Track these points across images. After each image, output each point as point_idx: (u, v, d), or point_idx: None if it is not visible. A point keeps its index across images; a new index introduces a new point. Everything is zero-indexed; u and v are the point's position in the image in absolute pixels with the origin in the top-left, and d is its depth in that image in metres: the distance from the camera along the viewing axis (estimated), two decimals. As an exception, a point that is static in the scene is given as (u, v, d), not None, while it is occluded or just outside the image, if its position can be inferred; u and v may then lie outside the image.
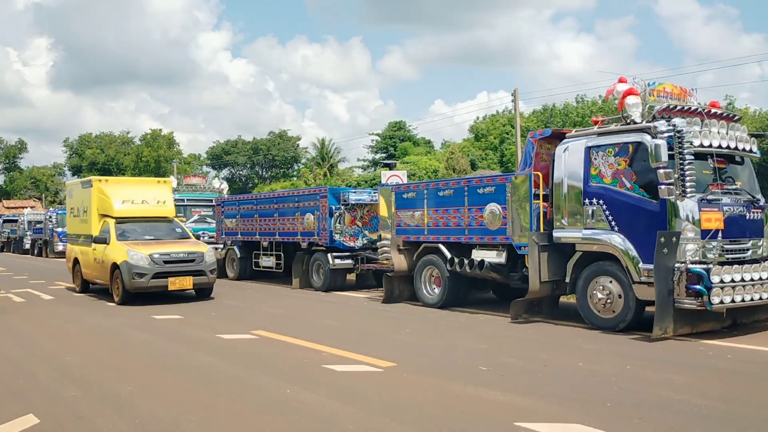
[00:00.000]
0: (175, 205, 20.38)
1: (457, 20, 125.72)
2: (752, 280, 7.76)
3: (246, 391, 5.66)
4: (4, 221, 43.68)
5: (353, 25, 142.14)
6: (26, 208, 45.64)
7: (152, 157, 78.04)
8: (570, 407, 4.96)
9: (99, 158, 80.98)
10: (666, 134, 7.69)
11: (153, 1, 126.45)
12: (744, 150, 8.47)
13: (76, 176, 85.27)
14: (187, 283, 11.86)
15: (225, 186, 23.18)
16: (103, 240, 12.36)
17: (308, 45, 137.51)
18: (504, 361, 6.70)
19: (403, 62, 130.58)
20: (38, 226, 36.21)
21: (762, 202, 8.65)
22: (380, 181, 17.93)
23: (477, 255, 10.26)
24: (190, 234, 13.73)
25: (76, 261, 14.18)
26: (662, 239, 7.52)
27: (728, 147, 8.23)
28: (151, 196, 13.47)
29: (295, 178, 71.66)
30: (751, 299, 7.79)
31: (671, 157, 7.64)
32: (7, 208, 58.29)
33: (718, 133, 8.19)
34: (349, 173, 65.81)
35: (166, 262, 11.77)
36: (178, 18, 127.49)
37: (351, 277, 14.57)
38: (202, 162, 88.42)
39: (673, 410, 4.88)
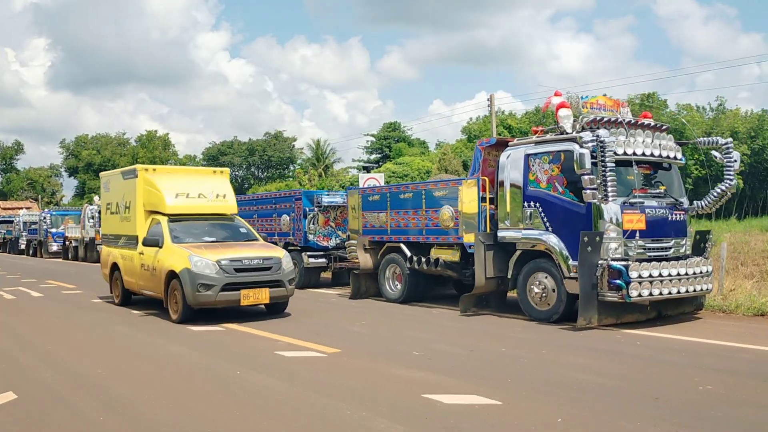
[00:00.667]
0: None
1: (456, 20, 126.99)
2: (670, 275, 8.59)
3: (204, 373, 6.47)
4: (0, 222, 44.48)
5: (352, 26, 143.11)
6: (22, 209, 46.31)
7: (148, 159, 78.83)
8: (475, 383, 5.78)
9: (95, 159, 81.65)
10: (590, 144, 8.51)
11: (151, 1, 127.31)
12: (668, 157, 9.28)
13: (72, 177, 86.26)
14: (262, 296, 9.52)
15: (212, 188, 23.85)
16: (154, 242, 10.21)
17: (307, 45, 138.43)
18: (437, 348, 7.52)
19: (402, 62, 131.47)
20: (33, 227, 36.97)
21: (686, 204, 9.48)
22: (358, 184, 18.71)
23: (434, 254, 11.09)
24: (257, 235, 11.39)
25: (115, 267, 11.95)
26: (586, 238, 8.35)
27: (652, 155, 9.04)
28: (208, 188, 11.22)
29: (290, 179, 72.40)
30: (669, 293, 8.61)
31: (594, 164, 8.46)
32: (3, 209, 58.96)
33: (642, 142, 9.01)
34: (344, 174, 66.58)
35: (237, 270, 9.46)
36: (177, 18, 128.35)
37: (328, 275, 15.41)
38: (197, 163, 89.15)
39: (566, 386, 5.70)
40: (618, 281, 8.29)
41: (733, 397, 5.27)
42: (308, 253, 14.29)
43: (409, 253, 11.42)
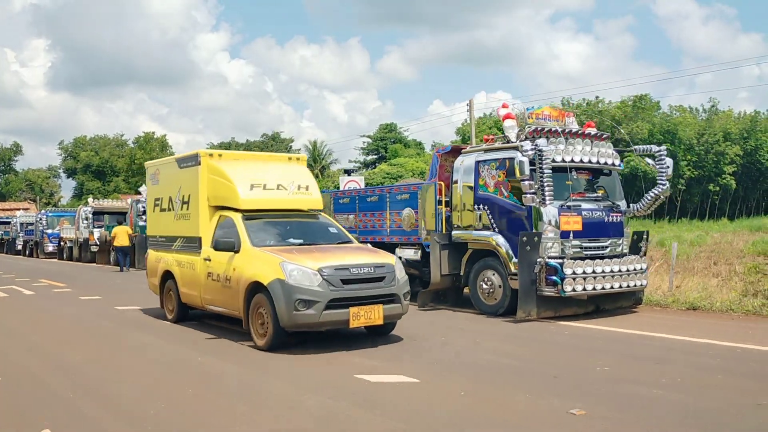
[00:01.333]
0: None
1: (456, 21, 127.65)
2: (604, 272, 9.39)
3: (184, 366, 7.26)
4: (-2, 223, 45.31)
5: (352, 26, 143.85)
6: (19, 210, 47.11)
7: (145, 160, 79.51)
8: (404, 366, 6.57)
9: (93, 160, 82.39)
10: (530, 152, 9.30)
11: (151, 2, 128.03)
12: (606, 164, 10.07)
13: (70, 178, 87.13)
14: (375, 315, 7.48)
15: (200, 190, 24.66)
16: (228, 246, 8.20)
17: (306, 46, 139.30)
18: (385, 338, 8.31)
19: (401, 63, 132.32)
20: (30, 227, 37.80)
21: (623, 207, 10.28)
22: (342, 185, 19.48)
23: (399, 253, 11.88)
24: (350, 236, 9.52)
25: (167, 276, 9.98)
26: (525, 239, 9.16)
27: (589, 161, 9.85)
28: (287, 178, 9.28)
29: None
30: (603, 288, 9.41)
31: (534, 171, 9.26)
32: (2, 210, 59.76)
33: (581, 150, 9.81)
34: (341, 175, 67.34)
35: (345, 281, 7.42)
36: (177, 19, 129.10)
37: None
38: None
39: (481, 367, 6.49)
40: (554, 277, 9.09)
41: (622, 376, 6.06)
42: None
43: (375, 253, 12.20)
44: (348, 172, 21.96)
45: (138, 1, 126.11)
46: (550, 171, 9.27)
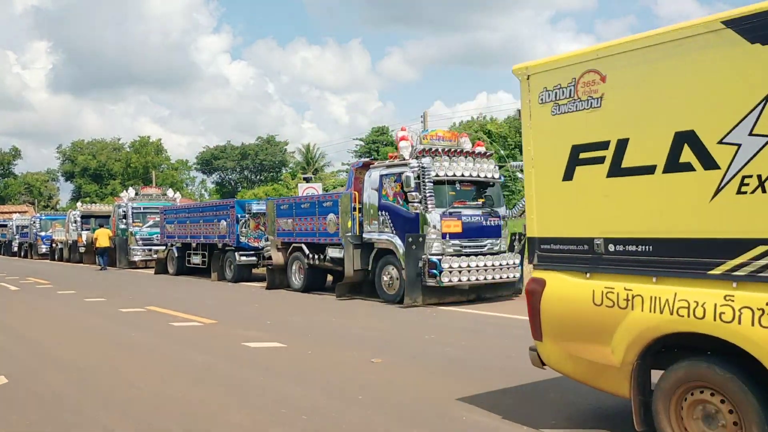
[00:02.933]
0: (133, 212, 24.23)
1: (457, 21, 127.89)
2: (478, 266, 11.43)
3: (113, 338, 9.31)
4: (-4, 226, 47.46)
5: (353, 27, 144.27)
6: (15, 213, 49.22)
7: (140, 164, 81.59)
8: (283, 337, 8.58)
9: (91, 164, 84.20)
10: (416, 168, 11.35)
11: (153, 4, 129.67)
12: (486, 177, 12.12)
13: (68, 182, 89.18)
14: None
15: (178, 195, 26.84)
16: None
17: (308, 47, 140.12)
18: (288, 319, 10.38)
19: (402, 64, 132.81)
20: (24, 230, 39.94)
21: (502, 213, 12.32)
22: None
23: (328, 252, 13.94)
24: None
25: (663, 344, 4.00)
26: (410, 239, 11.22)
27: (470, 176, 11.90)
28: None
29: (281, 183, 75.10)
30: (477, 279, 11.45)
31: (419, 184, 11.30)
32: (0, 213, 61.85)
33: (464, 166, 11.86)
34: (334, 177, 69.37)
35: None
36: (178, 21, 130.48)
37: (262, 270, 18.23)
38: (188, 167, 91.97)
39: (341, 336, 8.52)
40: (434, 271, 11.14)
41: (438, 341, 8.09)
42: (240, 252, 17.16)
43: (308, 252, 14.28)
44: (307, 179, 23.93)
45: (139, 4, 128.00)
46: (432, 184, 11.32)
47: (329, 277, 14.86)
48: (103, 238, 23.33)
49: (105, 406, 5.43)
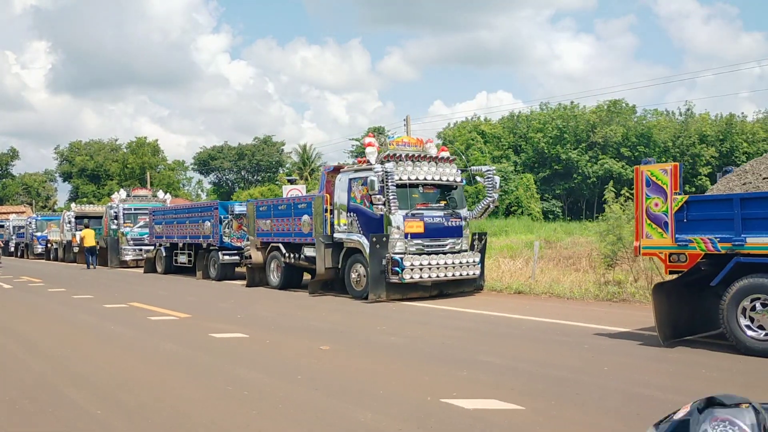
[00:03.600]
0: (124, 213, 24.99)
1: (457, 21, 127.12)
2: (438, 264, 12.21)
3: (93, 330, 10.09)
4: (-6, 226, 48.22)
5: (352, 27, 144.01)
6: (12, 214, 49.98)
7: (137, 164, 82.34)
8: (247, 328, 9.36)
9: (89, 165, 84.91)
10: (380, 172, 12.13)
11: (152, 4, 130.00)
12: (448, 180, 12.90)
13: (66, 182, 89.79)
14: None
15: (168, 197, 27.60)
16: None
17: (307, 47, 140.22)
18: (258, 314, 11.16)
19: (402, 63, 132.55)
20: (21, 230, 40.74)
21: (463, 214, 13.09)
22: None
23: (303, 251, 14.73)
24: None
25: None
26: (374, 239, 12.00)
27: (432, 179, 12.68)
28: None
29: (277, 183, 75.80)
30: (438, 276, 12.24)
31: (382, 187, 12.08)
32: (-1, 213, 62.57)
33: (425, 170, 12.63)
34: (284, 184, 69.89)
35: None
36: (178, 20, 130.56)
37: (245, 269, 19.00)
38: (185, 168, 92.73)
39: (299, 328, 9.30)
40: (397, 268, 11.93)
41: (388, 331, 8.87)
42: (224, 252, 17.95)
43: (284, 251, 15.07)
44: (291, 181, 24.71)
45: (139, 3, 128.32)
46: (395, 187, 12.11)
47: (306, 275, 15.63)
48: (89, 238, 24.18)
49: (79, 388, 6.18)
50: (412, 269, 11.94)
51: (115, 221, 24.91)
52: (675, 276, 7.88)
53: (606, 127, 68.73)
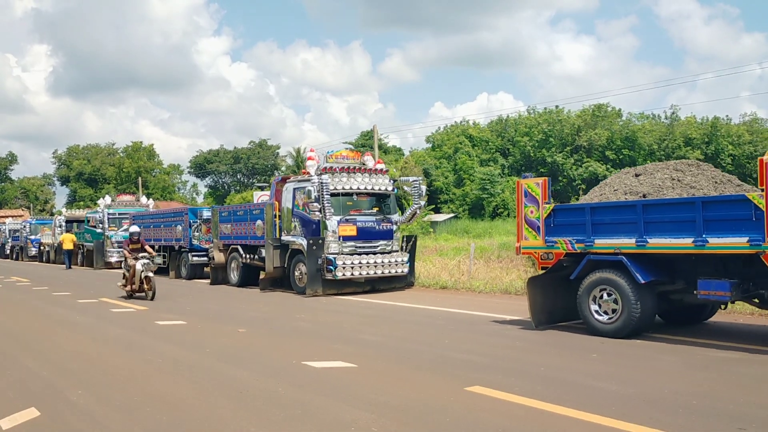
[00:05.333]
0: (109, 218, 26.75)
1: (458, 22, 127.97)
2: (369, 263, 13.94)
3: (60, 319, 11.81)
4: (-9, 229, 49.98)
5: (353, 29, 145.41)
6: (8, 218, 51.70)
7: (133, 168, 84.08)
8: (189, 317, 11.07)
9: (86, 168, 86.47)
10: (316, 183, 13.87)
11: (153, 6, 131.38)
12: (381, 190, 14.65)
13: (64, 186, 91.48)
14: None
15: (151, 202, 29.35)
16: None
17: (308, 49, 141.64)
18: (205, 306, 12.89)
19: (403, 65, 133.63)
20: (16, 234, 42.48)
21: (395, 219, 14.82)
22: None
23: (259, 252, 16.46)
24: None
25: None
26: (311, 241, 13.75)
27: (365, 189, 14.42)
28: None
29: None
30: (368, 274, 13.98)
31: (318, 196, 13.81)
32: (-4, 217, 64.32)
33: (359, 181, 14.37)
34: (254, 190, 71.22)
35: None
36: (179, 23, 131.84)
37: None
38: (180, 172, 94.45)
39: (233, 317, 11.01)
40: (330, 267, 13.66)
41: (305, 319, 10.58)
42: (193, 253, 19.70)
43: (242, 252, 16.82)
44: (261, 187, 26.48)
45: (140, 6, 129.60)
46: (329, 196, 13.84)
47: (263, 274, 17.36)
48: (68, 242, 26.13)
49: (34, 358, 7.87)
50: (344, 267, 13.68)
51: (101, 225, 26.64)
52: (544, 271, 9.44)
53: (591, 131, 70.27)
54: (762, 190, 7.18)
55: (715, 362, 6.90)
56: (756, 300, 8.17)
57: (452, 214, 59.73)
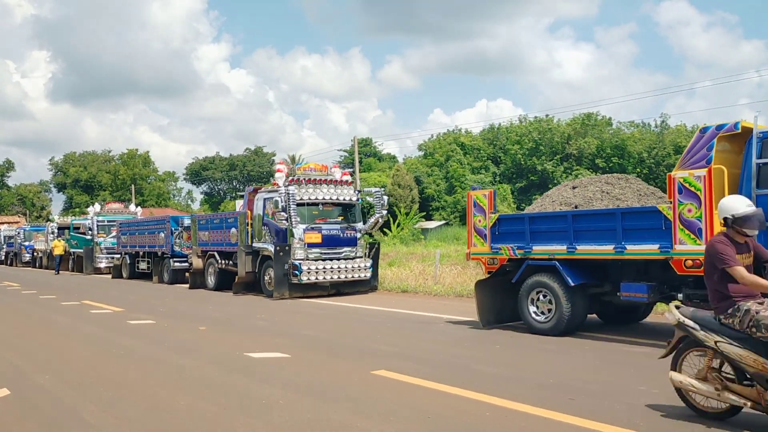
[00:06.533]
0: (98, 225, 27.76)
1: (457, 29, 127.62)
2: (333, 268, 14.96)
3: (41, 319, 12.80)
4: (-13, 236, 50.93)
5: (353, 36, 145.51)
6: (3, 224, 52.67)
7: (128, 175, 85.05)
8: (158, 318, 12.06)
9: (82, 175, 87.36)
10: (283, 194, 14.90)
11: (153, 13, 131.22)
12: (345, 200, 15.69)
13: (60, 193, 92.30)
14: None
15: (139, 210, 30.39)
16: None
17: (308, 56, 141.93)
18: (177, 308, 13.88)
19: (402, 72, 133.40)
20: (11, 240, 43.47)
21: (359, 227, 15.85)
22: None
23: (233, 258, 17.47)
24: None
25: None
26: (278, 248, 14.77)
27: (330, 199, 15.46)
28: None
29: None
30: (332, 278, 14.99)
31: (285, 206, 14.83)
32: (-7, 224, 65.20)
33: (325, 191, 15.42)
34: (237, 199, 72.11)
35: None
36: (179, 30, 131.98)
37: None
38: (175, 179, 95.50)
39: (197, 316, 12.01)
40: (296, 272, 14.68)
41: (266, 319, 11.57)
42: (175, 259, 20.71)
43: (219, 258, 17.83)
44: (242, 196, 27.46)
45: (139, 13, 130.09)
46: (296, 206, 14.87)
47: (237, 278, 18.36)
48: (59, 248, 27.22)
49: (12, 351, 8.86)
50: (309, 272, 14.69)
51: (90, 232, 27.65)
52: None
53: (580, 139, 71.38)
54: (671, 203, 8.09)
55: (613, 354, 7.89)
56: (675, 302, 8.84)
57: (443, 221, 60.74)
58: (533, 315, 9.41)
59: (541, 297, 9.32)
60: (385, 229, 47.10)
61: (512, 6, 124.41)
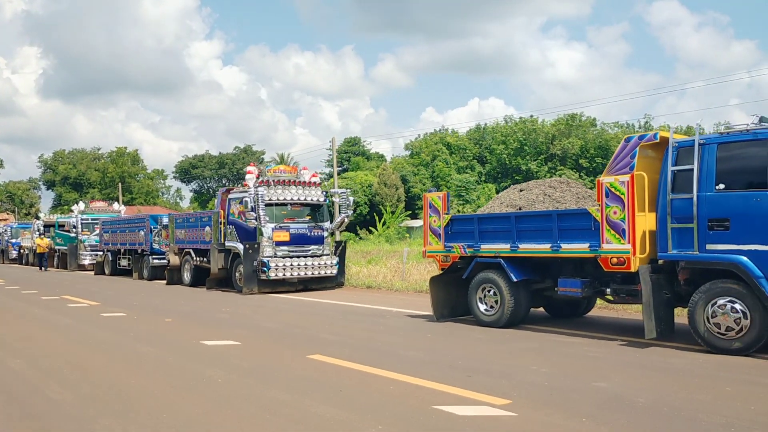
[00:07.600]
0: (82, 223, 28.48)
1: (450, 28, 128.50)
2: (300, 265, 15.82)
3: (20, 312, 13.58)
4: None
5: (346, 34, 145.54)
6: (-7, 222, 53.16)
7: (117, 173, 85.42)
8: (130, 311, 12.87)
9: (71, 173, 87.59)
10: (252, 194, 15.73)
11: (145, 10, 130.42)
12: (313, 200, 16.55)
13: (50, 190, 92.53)
14: None
15: (123, 208, 31.11)
16: None
17: (300, 53, 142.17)
18: (150, 302, 14.69)
19: (395, 70, 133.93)
20: (-2, 237, 44.06)
21: (326, 226, 16.71)
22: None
23: (208, 255, 18.29)
24: None
25: None
26: (247, 246, 15.62)
27: (299, 200, 16.31)
28: None
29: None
30: (299, 275, 15.85)
31: (254, 206, 15.66)
32: (-19, 221, 65.54)
33: (293, 192, 16.27)
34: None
35: None
36: (171, 27, 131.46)
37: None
38: (164, 177, 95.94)
39: (171, 311, 12.84)
40: (265, 268, 15.52)
41: (230, 312, 12.41)
42: (154, 256, 21.50)
43: (194, 255, 18.65)
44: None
45: (131, 9, 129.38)
46: (264, 206, 15.71)
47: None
48: (41, 246, 28.03)
49: (-11, 341, 9.69)
50: (276, 269, 15.55)
51: (74, 230, 28.37)
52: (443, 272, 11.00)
53: (564, 140, 72.43)
54: (599, 205, 8.88)
55: (535, 342, 8.77)
56: (608, 296, 9.47)
57: (428, 220, 61.42)
58: (481, 308, 10.13)
59: (488, 292, 10.04)
60: (371, 228, 48.03)
61: (505, 5, 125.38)
